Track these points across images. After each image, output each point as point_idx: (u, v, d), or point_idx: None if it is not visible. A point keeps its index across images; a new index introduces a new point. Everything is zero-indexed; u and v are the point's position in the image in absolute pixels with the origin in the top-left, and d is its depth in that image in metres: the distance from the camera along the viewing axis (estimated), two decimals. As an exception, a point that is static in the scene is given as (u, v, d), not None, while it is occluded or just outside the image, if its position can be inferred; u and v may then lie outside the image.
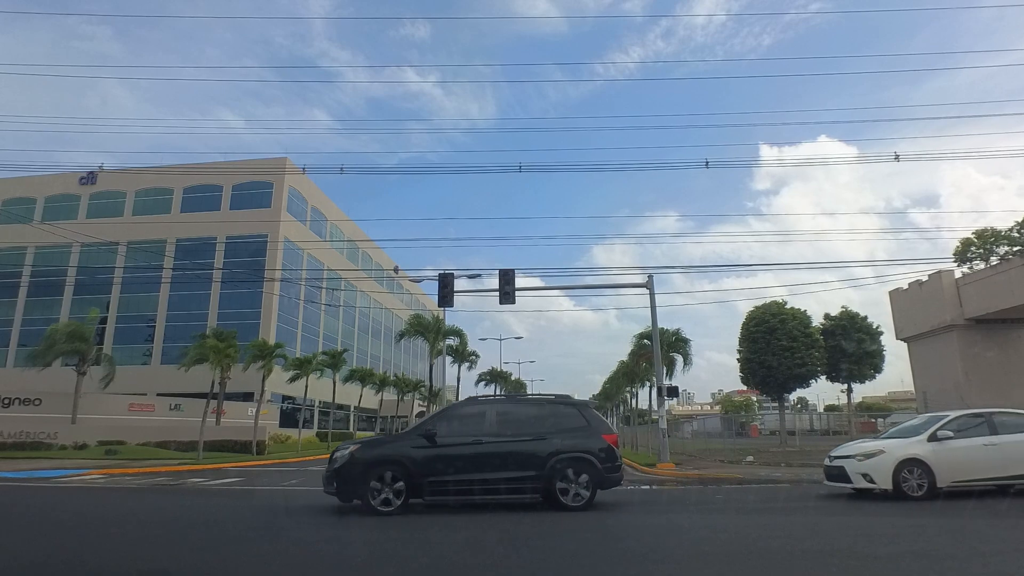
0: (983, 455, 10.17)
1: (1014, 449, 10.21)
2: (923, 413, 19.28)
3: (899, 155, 18.04)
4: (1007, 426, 10.58)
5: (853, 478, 10.40)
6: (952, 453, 10.13)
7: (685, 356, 32.76)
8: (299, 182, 50.04)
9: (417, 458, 8.97)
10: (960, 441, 10.25)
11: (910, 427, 11.59)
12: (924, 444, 10.23)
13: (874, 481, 10.15)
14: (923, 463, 10.02)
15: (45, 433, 28.21)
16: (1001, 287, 17.52)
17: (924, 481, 9.96)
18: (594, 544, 6.87)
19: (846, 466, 10.59)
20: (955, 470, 10.12)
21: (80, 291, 46.70)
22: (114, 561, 6.15)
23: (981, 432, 10.43)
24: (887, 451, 10.30)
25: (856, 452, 10.68)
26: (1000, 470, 10.19)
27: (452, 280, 20.68)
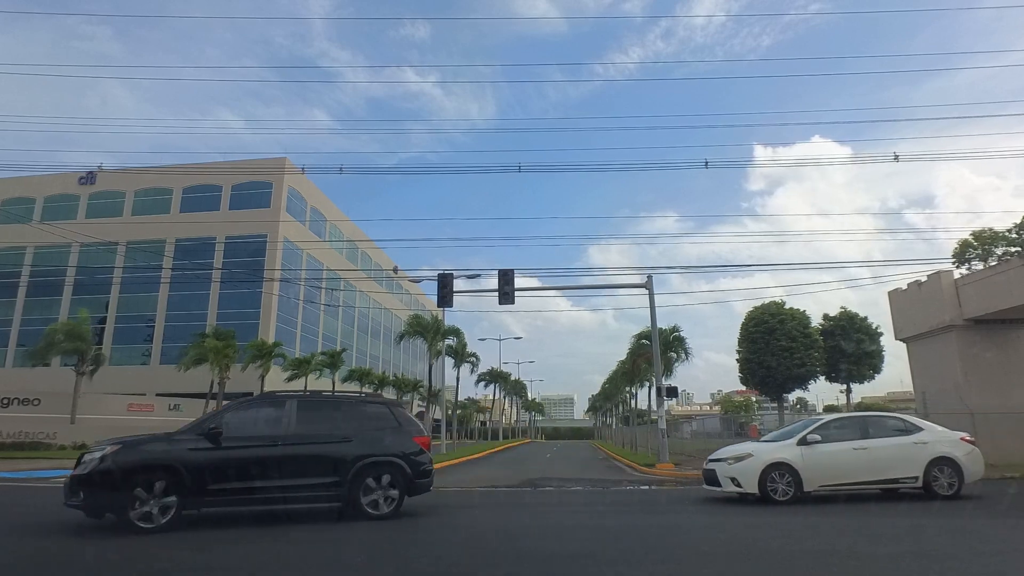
0: (852, 459, 10.08)
1: (883, 453, 10.16)
2: (922, 413, 19.30)
3: (898, 155, 18.02)
4: (879, 430, 10.56)
5: (722, 482, 10.22)
6: (821, 457, 10.02)
7: (684, 353, 32.76)
8: (298, 182, 50.00)
9: (195, 462, 7.57)
10: (829, 445, 10.16)
11: (786, 431, 11.46)
12: (793, 448, 10.11)
13: (741, 485, 9.97)
14: (791, 467, 9.91)
15: (44, 433, 28.20)
16: (1000, 287, 17.52)
17: (790, 485, 9.83)
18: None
19: (717, 470, 10.40)
20: (823, 474, 10.00)
21: (79, 291, 46.65)
22: (101, 563, 6.13)
23: (853, 436, 10.37)
24: (755, 455, 10.14)
25: (728, 455, 10.49)
26: (868, 474, 10.12)
27: (451, 280, 20.66)
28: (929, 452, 10.20)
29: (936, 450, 10.23)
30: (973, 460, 10.43)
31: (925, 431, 10.57)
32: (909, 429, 10.60)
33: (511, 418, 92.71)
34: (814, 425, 10.54)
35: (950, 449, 10.32)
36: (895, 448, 10.22)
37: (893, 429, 10.62)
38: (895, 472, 10.17)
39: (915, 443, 10.26)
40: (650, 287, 21.00)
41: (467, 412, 75.40)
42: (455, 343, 36.27)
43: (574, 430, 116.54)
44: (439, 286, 20.64)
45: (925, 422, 11.22)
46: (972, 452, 10.51)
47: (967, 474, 10.19)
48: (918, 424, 10.84)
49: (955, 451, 10.33)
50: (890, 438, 10.35)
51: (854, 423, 10.74)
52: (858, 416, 11.13)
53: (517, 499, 12.28)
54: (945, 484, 10.09)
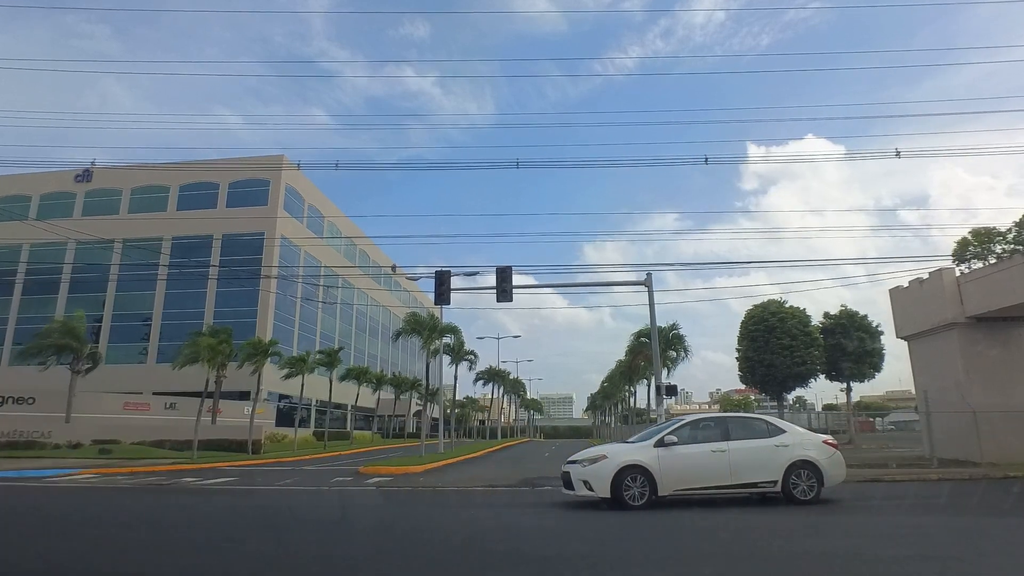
0: (710, 462, 9.63)
1: (742, 455, 9.71)
2: (923, 412, 19.13)
3: (899, 151, 17.83)
4: (741, 431, 10.10)
5: (575, 485, 9.67)
6: (678, 459, 9.57)
7: (684, 351, 32.57)
8: (296, 180, 49.77)
9: None
10: (687, 447, 9.74)
11: (647, 432, 10.95)
12: (649, 450, 9.64)
13: (593, 489, 9.43)
14: (645, 470, 9.41)
15: (39, 432, 28.00)
16: (1003, 285, 17.34)
17: (645, 489, 9.31)
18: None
19: (571, 472, 9.84)
20: (679, 477, 9.53)
21: (75, 289, 46.40)
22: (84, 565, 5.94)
23: (713, 437, 9.95)
24: (610, 457, 9.63)
25: (583, 457, 9.93)
26: (726, 477, 9.61)
27: (449, 278, 20.46)
28: (789, 455, 9.74)
29: (797, 453, 9.79)
30: (834, 464, 9.99)
31: (787, 433, 10.11)
32: (772, 431, 10.12)
33: (510, 417, 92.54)
34: (673, 426, 10.13)
35: (811, 452, 9.89)
36: (755, 451, 9.77)
37: (755, 431, 10.16)
38: (754, 476, 9.68)
39: (776, 446, 9.81)
40: (649, 284, 20.83)
41: (466, 411, 75.21)
42: (452, 341, 36.04)
43: (573, 429, 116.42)
44: (436, 283, 20.46)
45: (789, 424, 10.71)
46: (833, 456, 10.08)
47: (827, 478, 9.77)
48: (781, 426, 10.37)
49: (816, 454, 9.89)
50: (751, 440, 9.89)
51: (715, 424, 10.31)
52: (719, 417, 10.67)
53: (514, 499, 12.08)
54: (804, 488, 9.64)
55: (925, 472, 15.46)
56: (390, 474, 18.12)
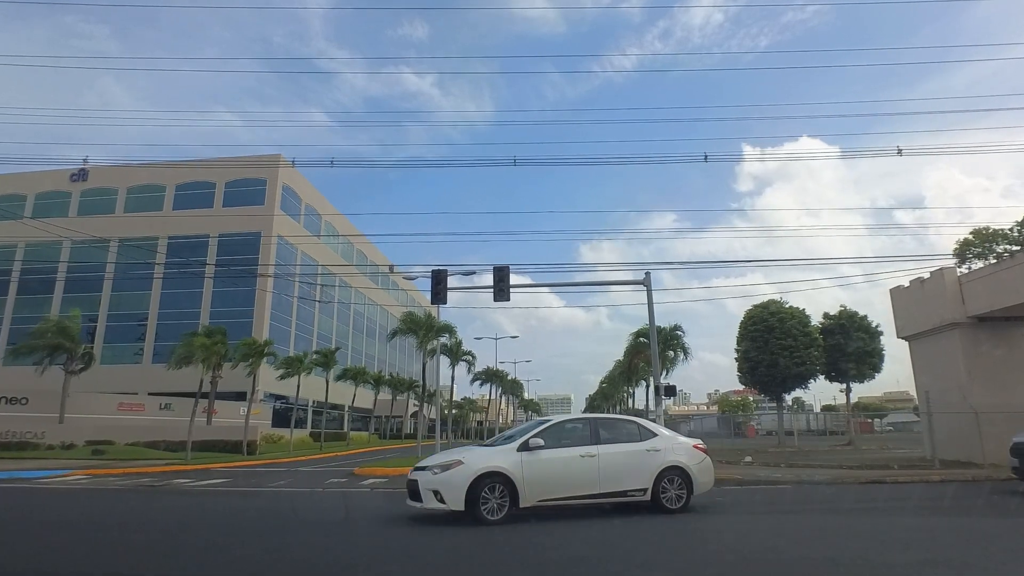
0: (578, 468, 8.71)
1: (613, 460, 8.90)
2: (925, 413, 18.93)
3: (901, 149, 17.65)
4: (612, 434, 9.34)
5: (423, 496, 8.32)
6: (543, 465, 8.55)
7: (684, 352, 32.37)
8: (293, 179, 49.53)
9: None
10: (554, 451, 8.74)
11: (511, 433, 9.98)
12: (512, 454, 8.55)
13: (445, 501, 8.14)
14: (507, 478, 8.28)
15: (32, 433, 27.70)
16: (1006, 284, 17.17)
17: (505, 500, 8.20)
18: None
19: (419, 480, 8.51)
20: (544, 486, 8.50)
21: (71, 289, 46.09)
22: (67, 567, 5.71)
23: (582, 441, 9.06)
24: (466, 462, 8.39)
25: (434, 463, 8.65)
26: (595, 485, 8.72)
27: (445, 277, 20.22)
28: (660, 461, 9.07)
29: (668, 459, 9.13)
30: (703, 470, 9.45)
31: (659, 437, 9.42)
32: (643, 435, 9.41)
33: (508, 418, 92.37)
34: (540, 427, 9.12)
35: (682, 458, 9.27)
36: (626, 456, 9.01)
37: (626, 434, 9.41)
38: (625, 483, 8.86)
39: (647, 450, 9.13)
40: (648, 284, 20.60)
41: (464, 412, 75.01)
42: (450, 341, 35.79)
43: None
44: (433, 282, 20.21)
45: (659, 427, 10.07)
46: (704, 461, 9.53)
47: (696, 485, 9.21)
48: (652, 429, 9.68)
49: (687, 460, 9.29)
50: (622, 444, 9.14)
51: (585, 426, 9.41)
52: (589, 418, 9.77)
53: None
54: (673, 496, 8.99)
55: (928, 473, 15.29)
56: (386, 475, 17.89)
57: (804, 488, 13.47)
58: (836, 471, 16.42)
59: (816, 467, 17.81)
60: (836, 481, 14.44)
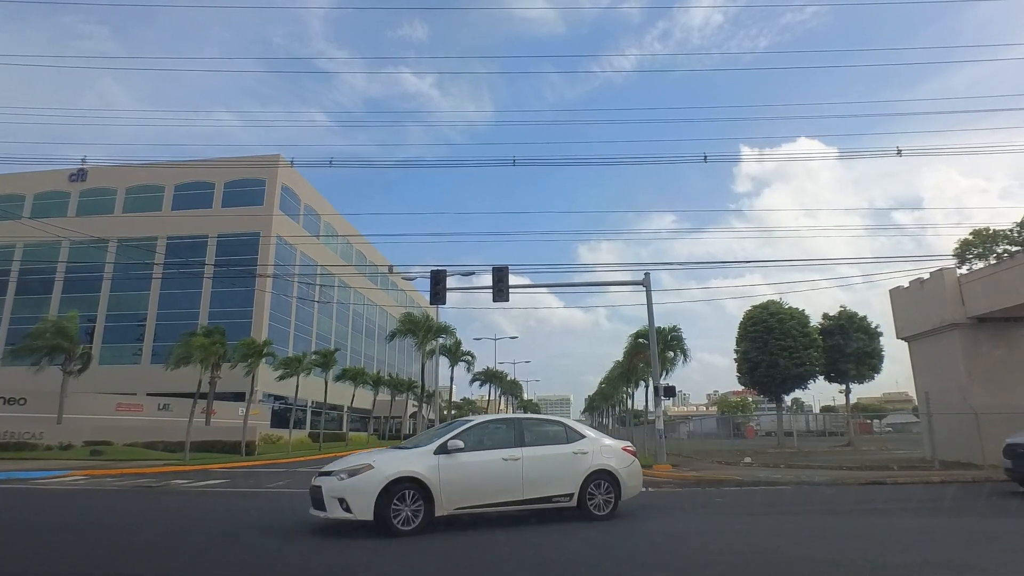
0: (501, 472, 8.11)
1: (539, 464, 8.36)
2: (925, 414, 18.89)
3: (900, 150, 17.63)
4: (537, 436, 8.80)
5: (328, 504, 7.45)
6: (463, 470, 7.89)
7: (683, 353, 32.26)
8: (292, 180, 49.48)
9: None
10: (475, 454, 8.11)
11: (428, 434, 9.21)
12: (428, 458, 7.83)
13: (351, 510, 7.30)
14: (422, 484, 7.56)
15: (30, 433, 27.62)
16: (1007, 285, 17.14)
17: (420, 508, 7.46)
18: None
19: (323, 487, 7.60)
20: (464, 492, 7.82)
21: (69, 289, 45.99)
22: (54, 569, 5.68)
23: (505, 443, 8.47)
24: (376, 467, 7.58)
25: (341, 468, 7.79)
26: (519, 490, 8.12)
27: (444, 277, 20.22)
28: (588, 464, 8.61)
29: (596, 462, 8.67)
30: (632, 474, 9.02)
31: (587, 439, 8.96)
32: (570, 436, 8.93)
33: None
34: (459, 428, 8.45)
35: (611, 461, 8.82)
36: (552, 459, 8.51)
37: (553, 436, 8.90)
38: (550, 488, 8.35)
39: (575, 453, 8.65)
40: (647, 284, 20.60)
41: (463, 412, 75.01)
42: (449, 342, 35.75)
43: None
44: (432, 283, 20.21)
45: (587, 427, 9.56)
46: (632, 465, 9.10)
47: (624, 490, 8.77)
48: (579, 430, 9.19)
49: (616, 463, 8.84)
50: (548, 447, 8.65)
51: (508, 427, 8.83)
52: (513, 419, 9.20)
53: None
54: (601, 502, 8.54)
55: (928, 474, 15.26)
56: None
57: (804, 489, 13.44)
58: (836, 472, 16.39)
59: (816, 468, 17.78)
60: (836, 482, 14.41)
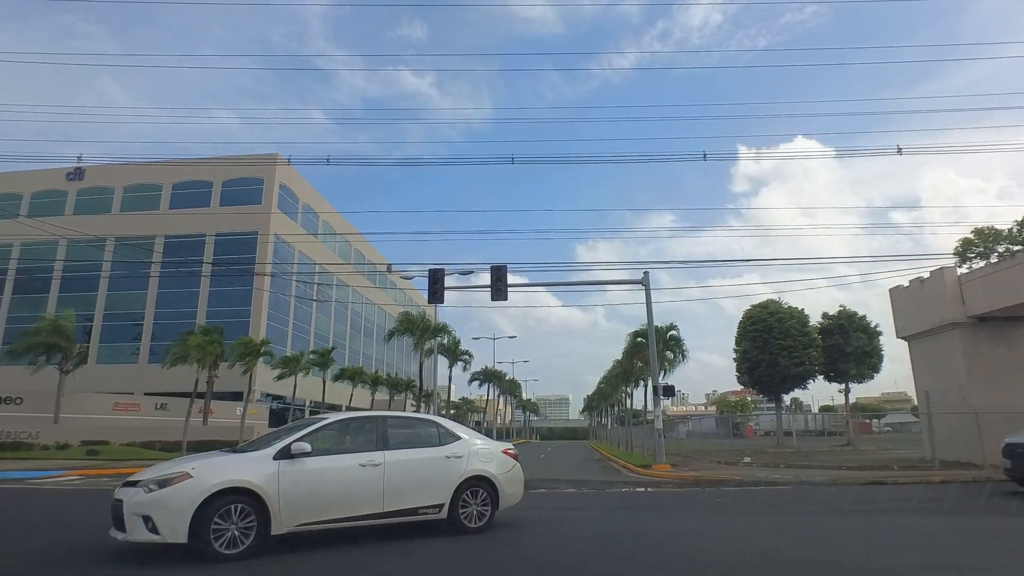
0: (358, 480, 6.86)
1: (403, 470, 7.18)
2: (925, 413, 18.81)
3: (901, 148, 17.56)
4: (402, 437, 7.64)
5: (128, 523, 5.84)
6: (309, 478, 6.54)
7: (681, 353, 32.18)
8: (290, 179, 49.35)
9: None
10: (326, 459, 6.81)
11: (269, 436, 7.63)
12: (266, 464, 6.41)
13: (159, 530, 5.75)
14: (256, 496, 6.13)
15: (26, 433, 27.52)
16: (1006, 284, 17.08)
17: (252, 526, 6.02)
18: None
19: (124, 501, 5.98)
20: (309, 505, 6.48)
21: (67, 288, 45.89)
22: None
23: (365, 445, 7.22)
24: (196, 476, 6.06)
25: (149, 477, 6.19)
26: (378, 502, 6.89)
27: (443, 276, 20.14)
28: (463, 469, 7.57)
29: (472, 467, 7.66)
30: (512, 480, 8.07)
31: (462, 440, 7.90)
32: (444, 438, 7.82)
33: (506, 418, 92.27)
34: (308, 428, 7.05)
35: (489, 466, 7.83)
36: (421, 464, 7.39)
37: (422, 437, 7.80)
38: (417, 498, 7.19)
39: (448, 457, 7.58)
40: (647, 283, 20.53)
41: (461, 412, 74.93)
42: (447, 341, 35.65)
43: (569, 430, 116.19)
44: (430, 282, 20.14)
45: (463, 427, 8.49)
46: (513, 470, 8.14)
47: (503, 498, 7.84)
48: (454, 431, 8.09)
49: (495, 468, 7.86)
50: (417, 450, 7.53)
51: (371, 427, 7.52)
52: (377, 417, 7.77)
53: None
54: (475, 513, 7.53)
55: (928, 474, 15.20)
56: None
57: (804, 489, 13.37)
58: (836, 472, 16.33)
59: (816, 468, 17.72)
60: (836, 482, 14.35)
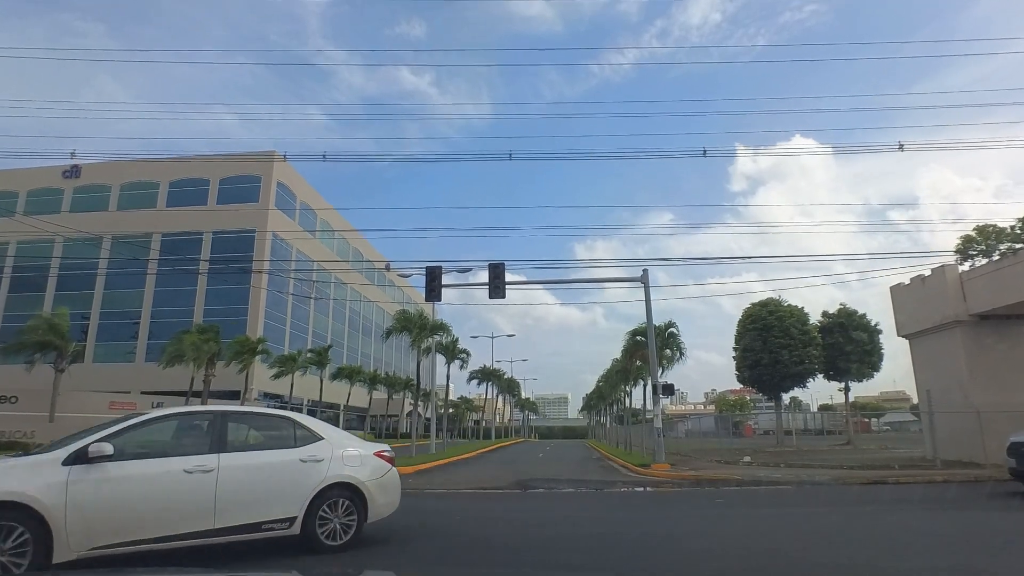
0: (180, 490, 5.50)
1: (243, 477, 5.82)
2: (926, 412, 18.64)
3: (903, 145, 17.41)
4: (247, 437, 6.38)
5: None
6: (112, 488, 5.21)
7: (679, 351, 31.94)
8: (288, 177, 49.11)
9: None
10: (137, 464, 5.44)
11: (75, 436, 5.84)
12: (53, 471, 5.07)
13: None
14: (33, 513, 4.82)
15: (21, 432, 27.34)
16: (1009, 281, 16.93)
17: (25, 552, 4.73)
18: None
19: None
20: (112, 522, 5.16)
21: (63, 287, 45.66)
22: None
23: (194, 447, 5.87)
24: None
25: None
26: (207, 518, 5.52)
27: (440, 273, 19.97)
28: (323, 475, 6.23)
29: (334, 472, 6.31)
30: (385, 488, 6.74)
31: (324, 441, 6.50)
32: (299, 438, 6.43)
33: (504, 417, 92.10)
34: (117, 426, 5.61)
35: (357, 471, 6.47)
36: (268, 469, 6.00)
37: (274, 437, 6.52)
38: (261, 511, 5.83)
39: (303, 461, 6.20)
40: (646, 281, 20.36)
41: (460, 411, 74.71)
42: (445, 339, 35.46)
43: (568, 429, 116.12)
44: (427, 279, 19.98)
45: (325, 425, 6.94)
46: (387, 476, 6.80)
47: (373, 509, 6.51)
48: (315, 429, 6.63)
49: (364, 474, 6.52)
50: (264, 452, 6.19)
51: (200, 425, 6.18)
52: (214, 412, 6.28)
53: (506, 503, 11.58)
54: (338, 527, 6.19)
55: (930, 474, 15.03)
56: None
57: (806, 489, 13.21)
58: (837, 471, 16.16)
59: (816, 467, 17.55)
60: (838, 481, 14.18)
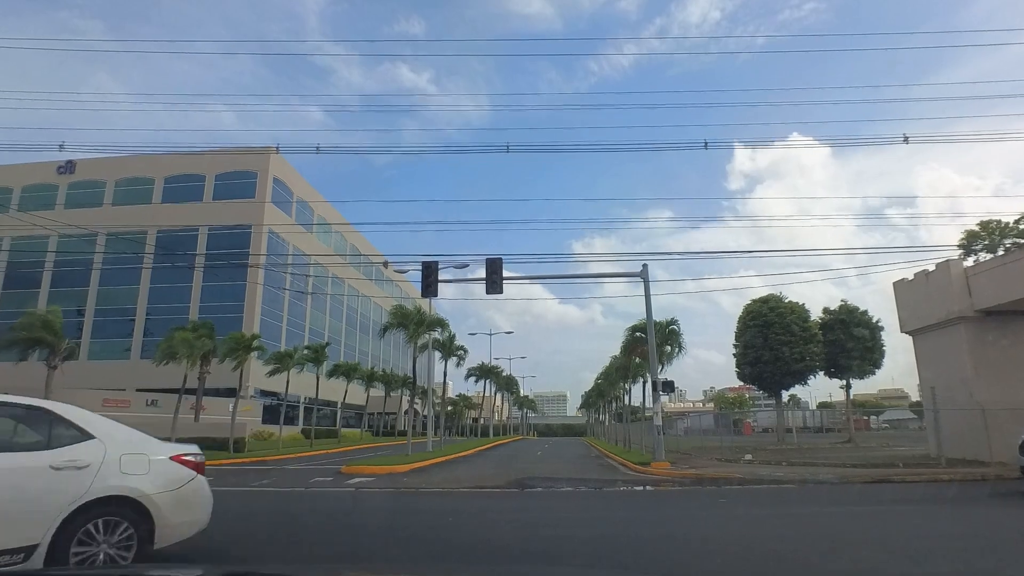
0: None
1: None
2: (930, 409, 18.37)
3: (908, 137, 17.11)
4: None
5: None
6: None
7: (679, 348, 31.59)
8: (285, 173, 48.71)
9: None
10: None
11: None
12: None
13: None
14: None
15: (12, 429, 26.99)
16: (1015, 277, 16.68)
17: None
18: None
19: None
20: None
21: (58, 283, 45.29)
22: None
23: None
24: None
25: None
26: None
27: (436, 269, 19.63)
28: (87, 487, 4.64)
29: (107, 483, 4.75)
30: (185, 502, 5.21)
31: (94, 442, 4.88)
32: (55, 435, 4.83)
33: (503, 415, 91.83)
34: None
35: (138, 480, 4.91)
36: (3, 477, 4.40)
37: (16, 435, 4.95)
38: None
39: (57, 468, 4.60)
40: (645, 276, 20.07)
41: (458, 408, 74.41)
42: (442, 336, 35.09)
43: (566, 427, 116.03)
44: (423, 275, 19.63)
45: (106, 422, 5.26)
46: (186, 487, 5.26)
47: (163, 531, 4.94)
48: (85, 427, 4.97)
49: (150, 484, 4.96)
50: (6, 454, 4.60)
51: None
52: None
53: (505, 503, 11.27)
54: (109, 557, 4.62)
55: (935, 472, 14.77)
56: (373, 474, 17.25)
57: (810, 488, 12.92)
58: (840, 469, 15.89)
59: (819, 465, 17.28)
60: (843, 480, 13.90)
